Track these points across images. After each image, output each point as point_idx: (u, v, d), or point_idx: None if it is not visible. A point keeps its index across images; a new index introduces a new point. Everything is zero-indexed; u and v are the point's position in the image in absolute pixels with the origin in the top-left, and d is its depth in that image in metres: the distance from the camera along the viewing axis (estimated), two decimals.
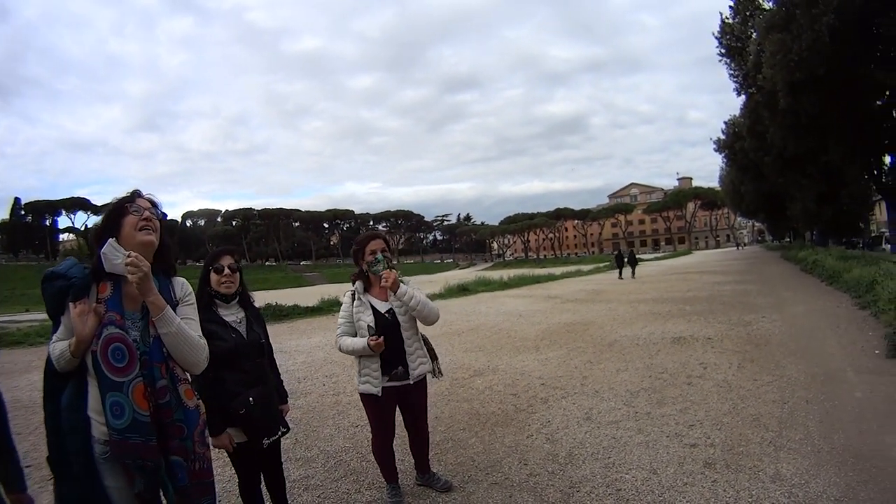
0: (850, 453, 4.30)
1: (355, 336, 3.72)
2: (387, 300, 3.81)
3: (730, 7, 26.70)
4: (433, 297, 23.53)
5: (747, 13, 24.80)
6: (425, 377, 3.99)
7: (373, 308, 3.76)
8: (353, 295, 3.81)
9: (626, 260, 33.88)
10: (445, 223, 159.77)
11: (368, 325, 3.61)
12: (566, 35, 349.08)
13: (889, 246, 25.46)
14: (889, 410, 5.34)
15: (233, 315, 3.17)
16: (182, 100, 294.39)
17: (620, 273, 33.29)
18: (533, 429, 5.40)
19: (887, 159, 23.53)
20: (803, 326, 10.78)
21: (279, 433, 3.23)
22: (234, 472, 3.48)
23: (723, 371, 7.36)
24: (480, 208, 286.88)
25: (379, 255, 3.68)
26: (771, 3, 20.61)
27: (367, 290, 3.84)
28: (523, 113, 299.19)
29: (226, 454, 3.22)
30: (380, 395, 3.68)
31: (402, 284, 3.73)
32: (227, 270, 3.13)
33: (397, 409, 3.93)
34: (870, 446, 4.44)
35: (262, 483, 3.43)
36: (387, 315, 3.76)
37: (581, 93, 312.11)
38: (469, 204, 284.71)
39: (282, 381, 3.60)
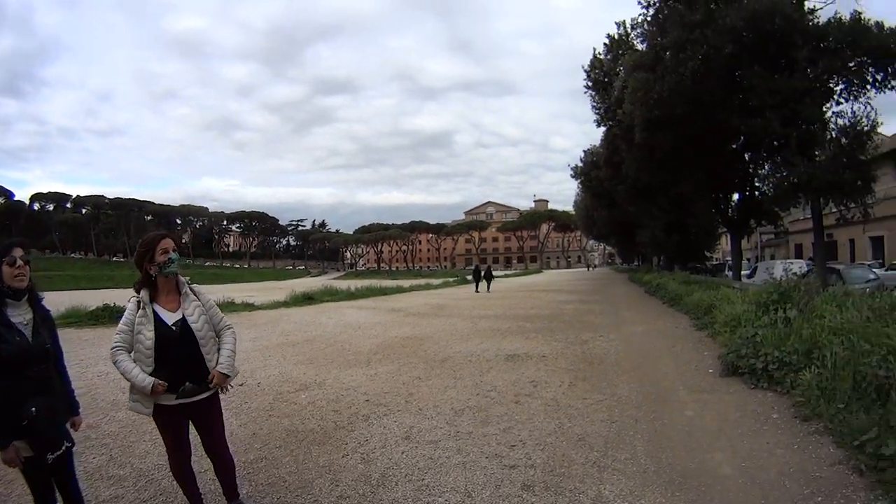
0: (678, 473, 4.40)
1: (132, 350, 3.34)
2: (177, 309, 3.46)
3: (604, 44, 28.17)
4: (277, 304, 23.92)
5: (619, 52, 26.27)
6: (217, 392, 3.64)
7: (158, 320, 3.37)
8: (139, 303, 3.39)
9: (482, 275, 35.41)
10: (300, 228, 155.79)
11: (146, 351, 3.30)
12: (446, 51, 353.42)
13: (731, 273, 27.75)
14: (719, 429, 5.56)
15: (20, 316, 2.93)
16: (50, 65, 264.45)
17: (477, 287, 34.81)
18: (349, 448, 5.23)
19: (735, 196, 25.44)
20: (640, 346, 11.19)
21: (63, 448, 3.00)
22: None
23: (553, 389, 7.40)
24: (337, 216, 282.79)
25: (173, 255, 3.39)
26: (644, 45, 21.93)
27: (153, 298, 3.42)
28: (392, 123, 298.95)
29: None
30: (162, 411, 3.38)
31: (227, 371, 3.51)
32: (19, 262, 2.87)
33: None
34: (698, 465, 4.58)
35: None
36: (174, 327, 3.39)
37: (451, 109, 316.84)
38: (326, 211, 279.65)
39: (73, 391, 3.32)
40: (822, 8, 16.95)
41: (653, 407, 6.49)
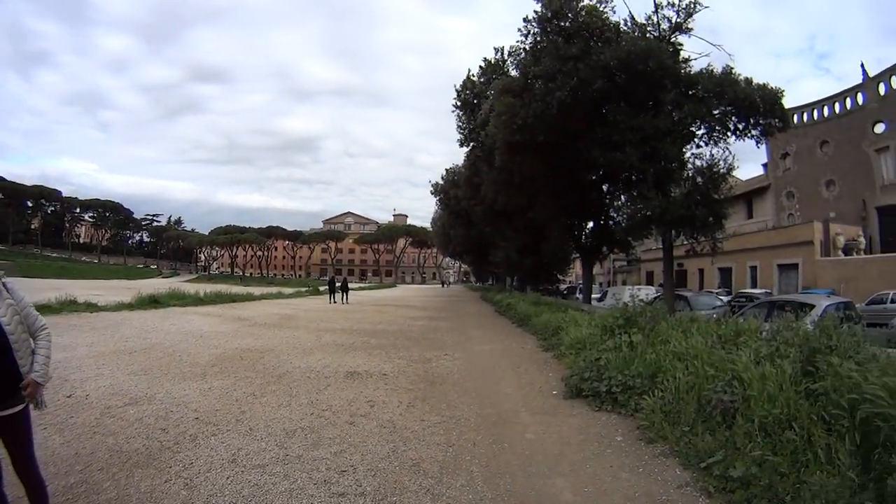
0: (516, 499, 4.31)
1: None
2: None
3: (480, 67, 28.50)
4: (121, 307, 22.43)
5: (493, 76, 26.46)
6: (28, 405, 3.25)
7: None
8: None
9: (338, 286, 35.62)
10: (155, 224, 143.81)
11: None
12: (328, 54, 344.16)
13: (581, 296, 28.79)
14: (561, 452, 5.50)
15: None
16: None
17: (332, 298, 35.03)
18: (173, 472, 4.83)
19: (590, 224, 26.48)
20: (485, 366, 11.15)
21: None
22: None
23: (390, 410, 7.20)
24: (194, 214, 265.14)
25: None
26: (517, 72, 22.22)
27: None
28: (262, 121, 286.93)
29: None
30: None
31: (41, 379, 3.20)
32: None
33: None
34: (538, 490, 4.51)
35: None
36: None
37: (322, 115, 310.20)
38: (183, 207, 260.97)
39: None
40: (696, 59, 18.04)
41: (493, 430, 6.38)
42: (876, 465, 3.84)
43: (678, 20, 17.88)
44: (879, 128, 38.45)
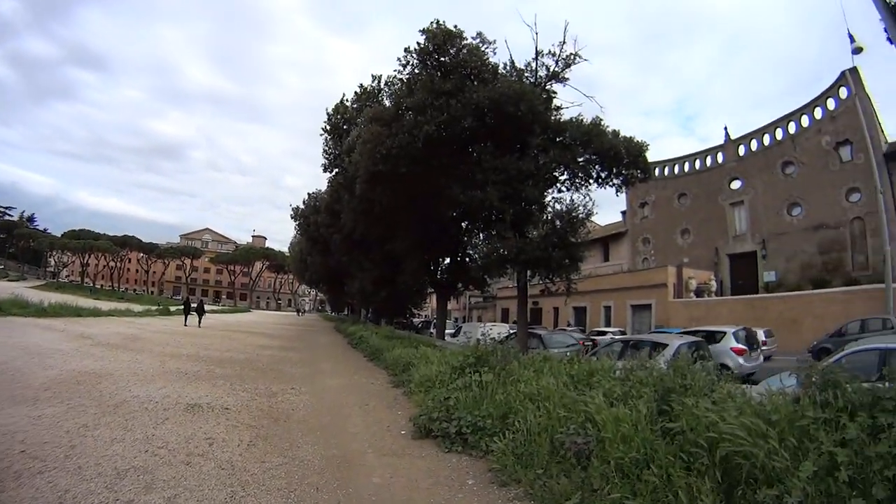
0: None
1: None
2: None
3: (355, 92, 28.38)
4: None
5: (367, 103, 26.21)
6: None
7: None
8: None
9: (195, 308, 33.85)
10: (6, 218, 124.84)
11: None
12: (211, 59, 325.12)
13: (435, 331, 28.54)
14: (409, 498, 5.36)
15: None
16: None
17: (186, 320, 33.27)
18: None
19: (447, 259, 26.66)
20: (332, 402, 10.85)
21: None
22: None
23: (230, 449, 6.80)
24: (50, 212, 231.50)
25: None
26: (390, 102, 22.04)
27: None
28: (133, 120, 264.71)
29: None
30: None
31: None
32: None
33: None
34: None
35: None
36: None
37: (195, 122, 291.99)
38: (39, 202, 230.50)
39: None
40: (568, 108, 18.63)
41: (338, 473, 6.11)
42: (740, 500, 4.02)
43: (556, 69, 18.63)
44: (736, 184, 43.02)
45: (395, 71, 19.91)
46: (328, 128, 30.66)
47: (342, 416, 9.48)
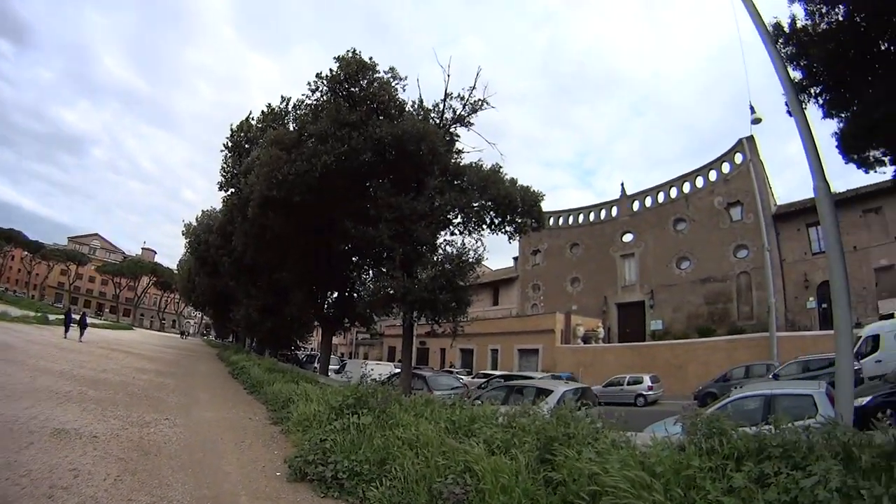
0: None
1: None
2: None
3: (262, 112, 27.81)
4: None
5: (272, 124, 25.42)
6: None
7: None
8: None
9: (78, 321, 32.11)
10: None
11: None
12: (133, 54, 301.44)
13: (318, 367, 27.85)
14: None
15: None
16: None
17: (66, 332, 31.51)
18: None
19: (335, 293, 26.30)
20: (207, 436, 10.27)
21: None
22: None
23: (95, 484, 6.28)
24: None
25: None
26: (294, 126, 21.62)
27: None
28: (38, 102, 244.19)
29: None
30: None
31: None
32: None
33: None
34: None
35: None
36: None
37: (102, 116, 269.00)
38: None
39: None
40: (469, 152, 18.71)
41: None
42: None
43: (462, 113, 18.85)
44: (628, 237, 45.68)
45: (303, 95, 19.58)
46: (230, 144, 29.83)
47: (217, 452, 8.96)
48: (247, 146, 28.24)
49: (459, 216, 18.12)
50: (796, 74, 8.98)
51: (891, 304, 28.07)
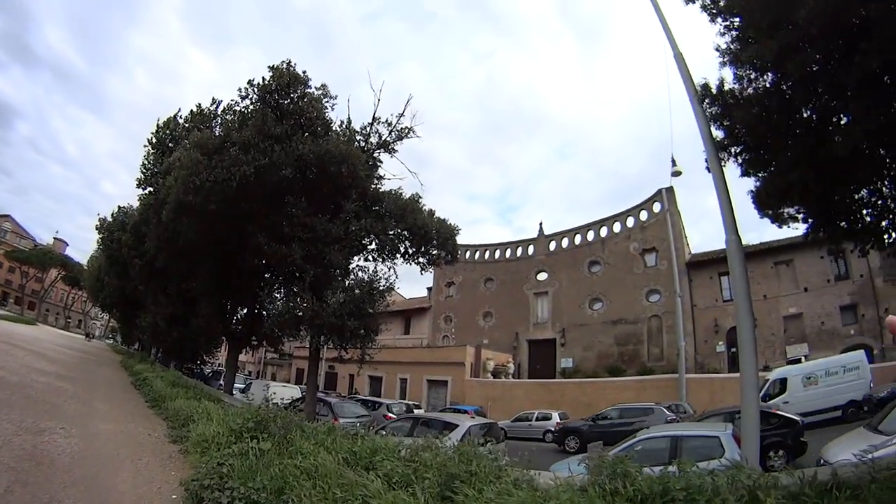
0: None
1: None
2: None
3: (191, 111, 27.04)
4: None
5: (200, 125, 24.44)
6: None
7: None
8: None
9: None
10: None
11: None
12: (74, 28, 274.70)
13: (223, 384, 26.87)
14: None
15: None
16: None
17: None
18: None
19: (244, 310, 25.80)
20: (102, 451, 9.71)
21: None
22: None
23: None
24: None
25: None
26: (220, 130, 21.24)
27: None
28: None
29: None
30: None
31: None
32: None
33: None
34: None
35: None
36: None
37: (32, 89, 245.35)
38: None
39: None
40: (390, 179, 18.74)
41: None
42: None
43: (388, 139, 18.96)
44: (542, 276, 46.83)
45: (233, 101, 19.24)
46: (154, 141, 28.91)
47: (112, 469, 8.52)
48: (171, 145, 27.39)
49: (374, 242, 18.14)
50: (719, 134, 9.44)
51: (798, 349, 30.28)
